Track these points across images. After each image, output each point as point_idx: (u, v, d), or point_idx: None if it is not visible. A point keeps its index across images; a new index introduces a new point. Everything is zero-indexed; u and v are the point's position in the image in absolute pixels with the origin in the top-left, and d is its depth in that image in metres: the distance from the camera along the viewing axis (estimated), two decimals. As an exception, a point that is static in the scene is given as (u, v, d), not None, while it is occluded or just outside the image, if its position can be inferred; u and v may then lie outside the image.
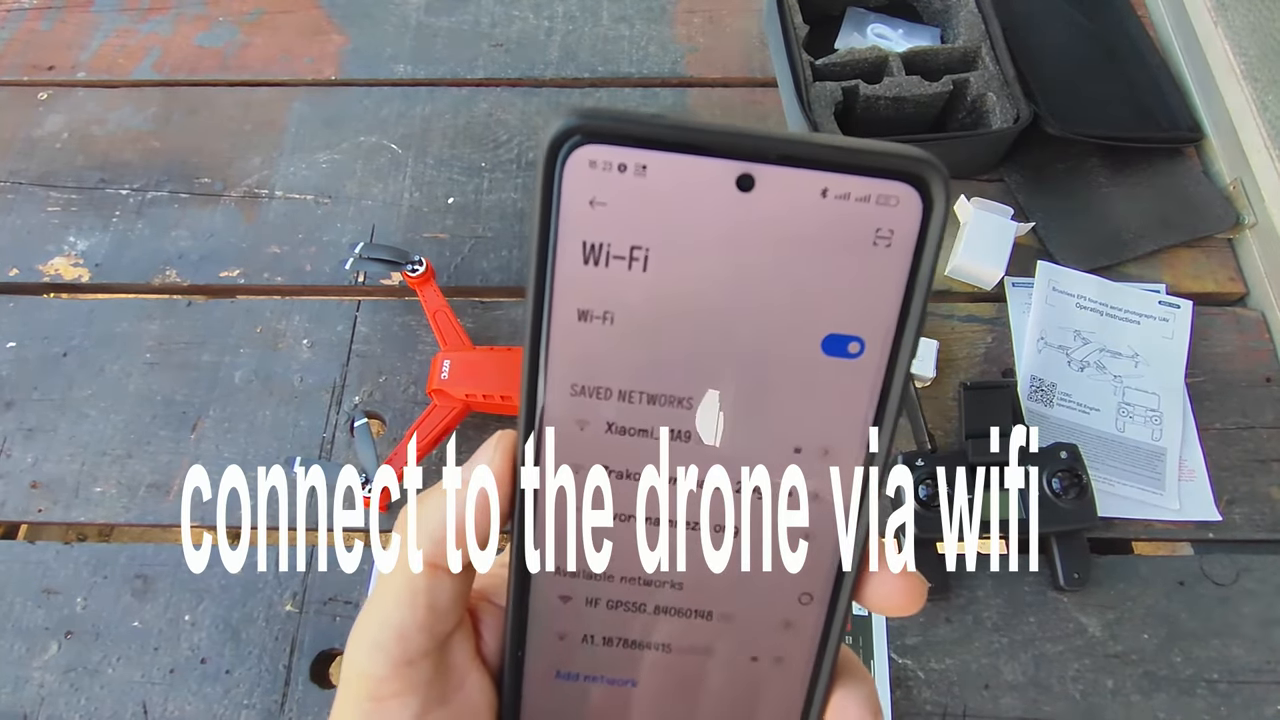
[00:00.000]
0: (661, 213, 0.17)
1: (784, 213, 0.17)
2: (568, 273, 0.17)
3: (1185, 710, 0.54)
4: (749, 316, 0.18)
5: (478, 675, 0.21)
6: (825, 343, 0.18)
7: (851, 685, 0.21)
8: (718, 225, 0.17)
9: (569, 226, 0.17)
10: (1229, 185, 0.73)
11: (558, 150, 0.17)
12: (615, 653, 0.21)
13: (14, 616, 0.56)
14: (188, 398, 0.64)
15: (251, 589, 0.57)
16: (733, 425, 0.19)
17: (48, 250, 0.71)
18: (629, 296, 0.18)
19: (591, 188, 0.17)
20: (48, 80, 0.80)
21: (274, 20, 0.84)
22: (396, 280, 0.68)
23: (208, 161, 0.75)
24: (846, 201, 0.17)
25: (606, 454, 0.19)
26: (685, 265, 0.17)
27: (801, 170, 0.17)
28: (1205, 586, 0.58)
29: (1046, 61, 0.76)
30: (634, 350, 0.18)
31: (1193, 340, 0.66)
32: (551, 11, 0.84)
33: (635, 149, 0.16)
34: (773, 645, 0.21)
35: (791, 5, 0.75)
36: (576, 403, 0.19)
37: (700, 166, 0.17)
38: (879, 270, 0.17)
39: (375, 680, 0.20)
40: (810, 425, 0.19)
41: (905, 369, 0.18)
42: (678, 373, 0.18)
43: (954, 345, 0.66)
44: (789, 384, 0.18)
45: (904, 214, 0.17)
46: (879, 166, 0.17)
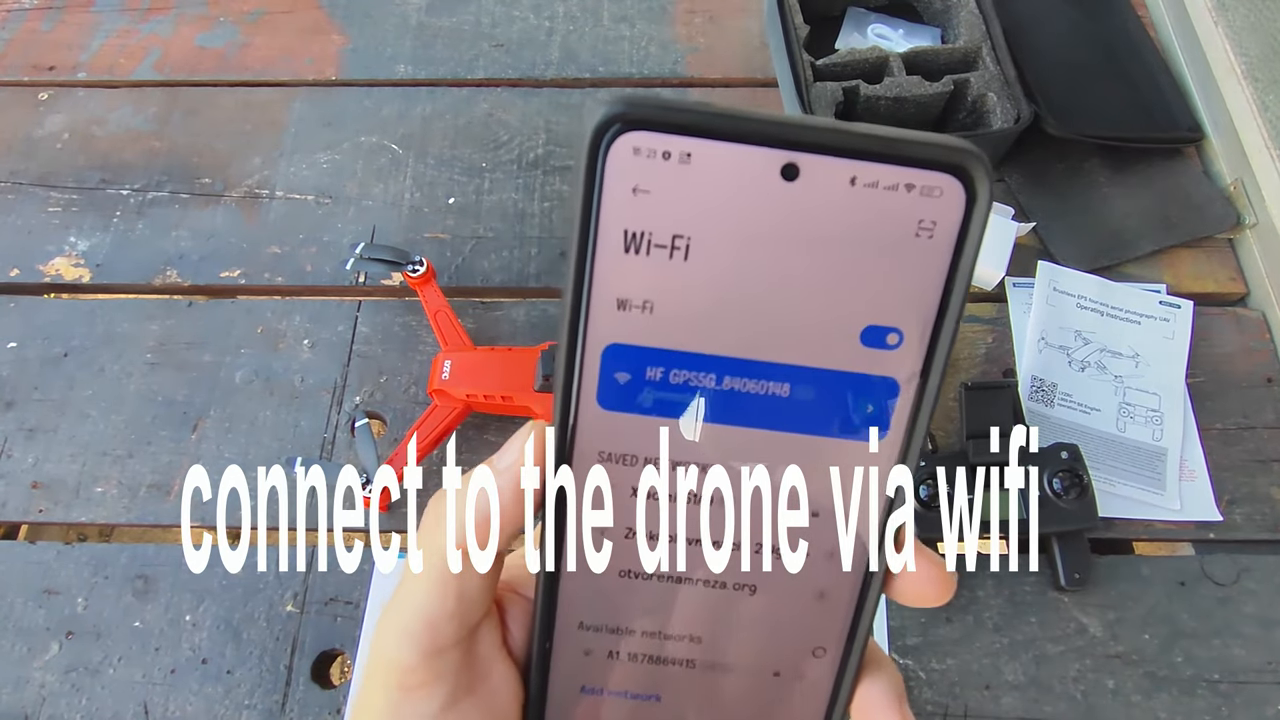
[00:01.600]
0: (704, 201, 0.17)
1: (828, 203, 0.17)
2: (608, 261, 0.17)
3: (1186, 710, 0.54)
4: (789, 307, 0.18)
5: (504, 666, 0.21)
6: (864, 334, 0.18)
7: (877, 675, 0.21)
8: (761, 215, 0.17)
9: (610, 214, 0.17)
10: (1229, 185, 0.73)
11: (601, 137, 0.16)
12: (639, 668, 0.21)
13: (15, 617, 0.56)
14: (188, 398, 0.64)
15: (252, 589, 0.57)
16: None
17: (48, 250, 0.71)
18: (670, 286, 0.17)
19: (634, 175, 0.17)
20: (48, 80, 0.80)
21: (274, 20, 0.84)
22: (397, 280, 0.68)
23: (208, 162, 0.75)
24: (891, 192, 0.17)
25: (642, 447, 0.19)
26: (727, 255, 0.17)
27: (846, 160, 0.16)
28: (1206, 587, 0.58)
29: (1047, 62, 0.76)
30: (673, 342, 0.18)
31: (1193, 340, 0.66)
32: (552, 11, 0.84)
33: (680, 136, 0.16)
34: (797, 652, 0.21)
35: (792, 5, 0.75)
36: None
37: (745, 155, 0.16)
38: (920, 262, 0.17)
39: (404, 669, 0.20)
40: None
41: (943, 362, 0.18)
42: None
43: (955, 345, 0.66)
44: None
45: (947, 206, 0.17)
46: (924, 157, 0.17)
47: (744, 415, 0.19)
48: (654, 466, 0.19)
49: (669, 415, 0.19)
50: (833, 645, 0.21)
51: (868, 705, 0.21)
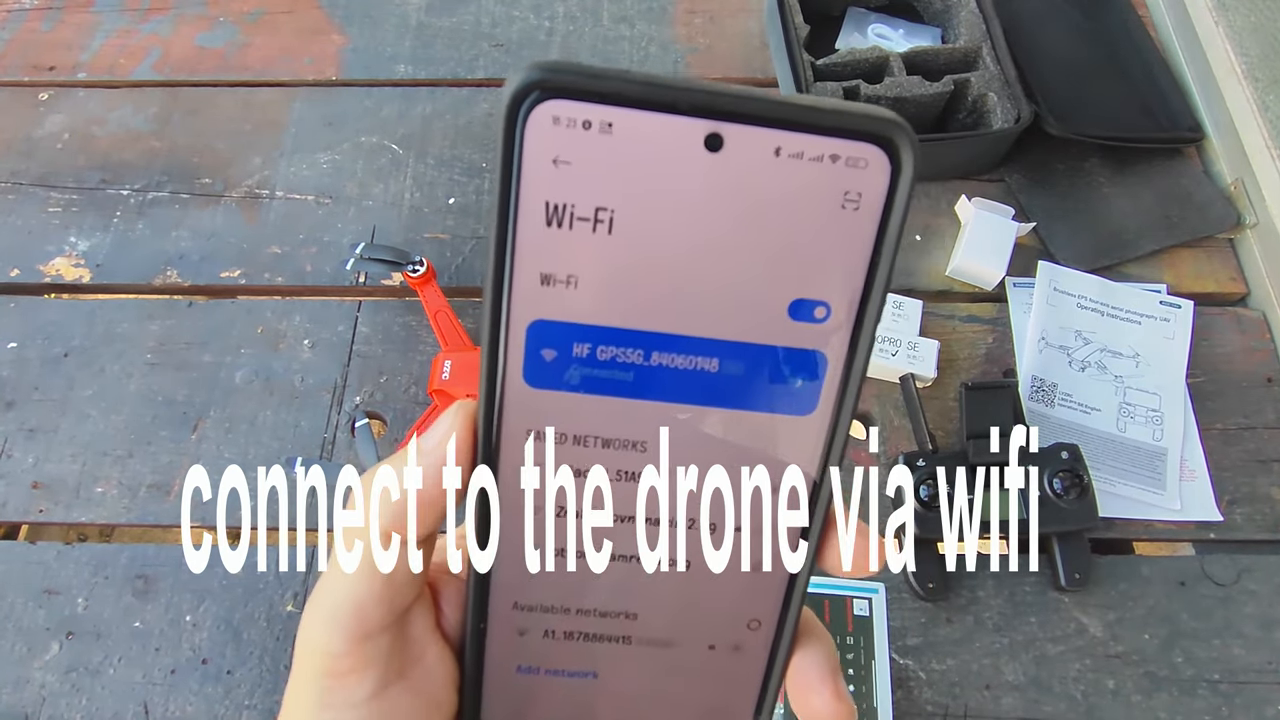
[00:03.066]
0: (627, 173, 0.16)
1: (753, 174, 0.16)
2: (530, 235, 0.17)
3: (1186, 710, 0.54)
4: (715, 280, 0.17)
5: (438, 648, 0.21)
6: (792, 307, 0.18)
7: (811, 647, 0.21)
8: (685, 186, 0.16)
9: (531, 187, 0.16)
10: (1230, 185, 0.73)
11: (519, 105, 0.16)
12: (575, 646, 0.21)
13: (15, 617, 0.56)
14: (188, 398, 0.64)
15: (252, 589, 0.57)
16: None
17: (48, 250, 0.71)
18: (594, 260, 0.17)
19: (554, 146, 0.16)
20: (48, 81, 0.80)
21: (274, 20, 0.84)
22: (397, 281, 0.68)
23: (208, 162, 0.75)
24: (816, 163, 0.16)
25: (569, 423, 0.19)
26: (651, 228, 0.17)
27: (771, 130, 0.16)
28: (1206, 587, 0.58)
29: (1047, 61, 0.76)
30: (598, 317, 0.18)
31: (1194, 340, 0.66)
32: (552, 11, 0.84)
33: (601, 105, 0.16)
34: (732, 626, 0.21)
35: (792, 5, 0.75)
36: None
37: (668, 125, 0.16)
38: (846, 234, 0.17)
39: (332, 656, 0.19)
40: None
41: (871, 333, 0.18)
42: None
43: (955, 345, 0.66)
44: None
45: (872, 177, 0.17)
46: (849, 127, 0.16)
47: (673, 391, 0.18)
48: (583, 444, 0.19)
49: (597, 392, 0.18)
50: (767, 617, 0.21)
51: (801, 677, 0.21)
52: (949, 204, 0.72)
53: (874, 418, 0.64)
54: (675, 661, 0.21)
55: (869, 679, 0.54)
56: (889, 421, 0.63)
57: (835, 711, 0.20)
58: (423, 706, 0.21)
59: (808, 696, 0.21)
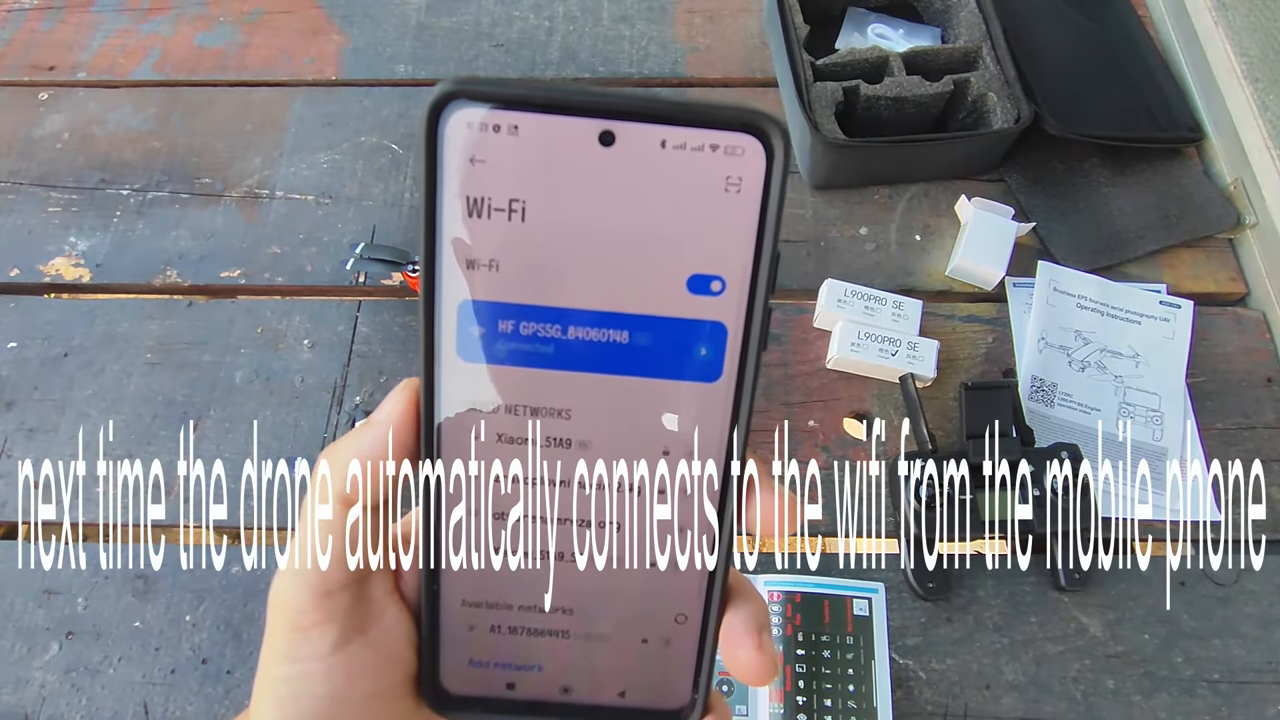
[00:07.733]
0: (533, 168, 0.19)
1: (643, 164, 0.19)
2: (454, 225, 0.19)
3: (1186, 710, 0.54)
4: (619, 259, 0.19)
5: (396, 609, 0.23)
6: (690, 282, 0.20)
7: (740, 605, 0.23)
8: (585, 177, 0.19)
9: (452, 183, 0.19)
10: (1230, 185, 0.73)
11: (438, 114, 0.18)
12: (518, 640, 0.23)
13: (15, 617, 0.56)
14: (188, 398, 0.64)
15: (252, 589, 0.57)
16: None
17: (48, 250, 0.71)
18: (511, 245, 0.19)
19: (470, 147, 0.18)
20: (48, 80, 0.80)
21: (274, 20, 0.84)
22: (397, 280, 0.68)
23: (208, 161, 0.75)
24: (699, 153, 0.19)
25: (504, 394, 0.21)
26: (559, 215, 0.19)
27: (656, 125, 0.18)
28: (1206, 587, 0.58)
29: (1047, 61, 0.76)
30: (519, 296, 0.20)
31: (1193, 340, 0.66)
32: (552, 11, 0.84)
33: (507, 110, 0.18)
34: (660, 622, 0.23)
35: (792, 5, 0.75)
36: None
37: (565, 125, 0.18)
38: (732, 214, 0.19)
39: (297, 611, 0.22)
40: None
41: (764, 302, 0.20)
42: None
43: (955, 345, 0.66)
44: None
45: (750, 162, 0.19)
46: (724, 120, 0.18)
47: (590, 361, 0.20)
48: (513, 413, 0.21)
49: (523, 364, 0.20)
50: (693, 611, 0.23)
51: (730, 633, 0.23)
52: (949, 204, 0.72)
53: (874, 417, 0.64)
54: (612, 654, 0.23)
55: (869, 679, 0.54)
56: (889, 421, 0.63)
57: (758, 662, 0.22)
58: (383, 660, 0.22)
59: (735, 651, 0.23)
